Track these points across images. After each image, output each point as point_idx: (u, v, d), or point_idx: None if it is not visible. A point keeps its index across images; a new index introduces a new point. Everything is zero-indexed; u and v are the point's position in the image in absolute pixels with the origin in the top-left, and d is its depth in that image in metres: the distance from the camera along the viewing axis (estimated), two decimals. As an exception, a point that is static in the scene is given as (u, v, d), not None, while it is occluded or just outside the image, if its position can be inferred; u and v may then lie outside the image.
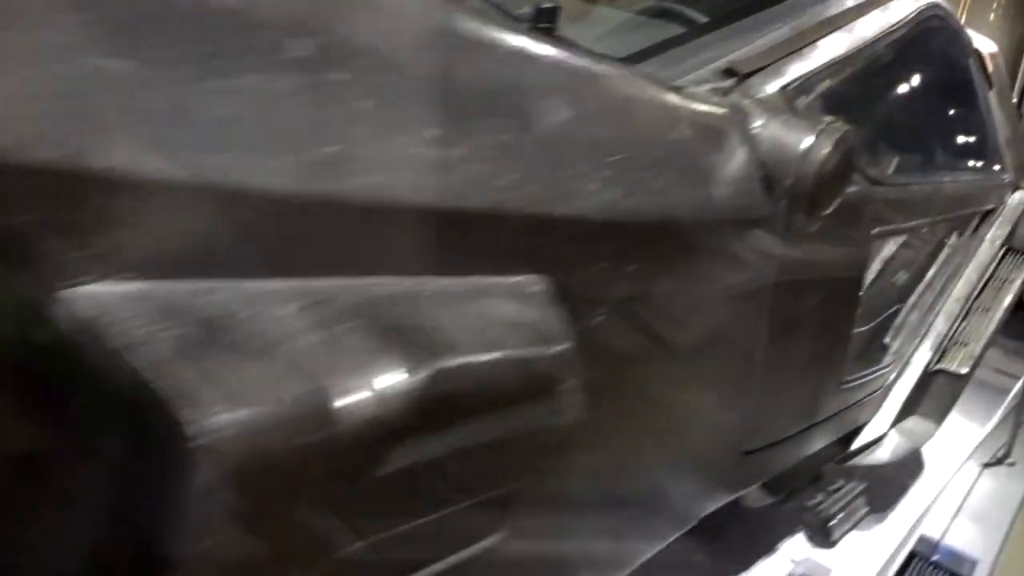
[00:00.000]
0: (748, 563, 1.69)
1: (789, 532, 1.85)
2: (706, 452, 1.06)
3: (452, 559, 0.49)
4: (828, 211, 0.97)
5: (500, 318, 0.49)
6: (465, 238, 0.50)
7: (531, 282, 0.54)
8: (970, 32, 2.26)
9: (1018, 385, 2.74)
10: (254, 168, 0.38)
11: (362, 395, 0.36)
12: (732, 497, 1.25)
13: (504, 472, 0.49)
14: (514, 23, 0.68)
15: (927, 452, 2.47)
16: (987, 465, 2.76)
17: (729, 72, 1.02)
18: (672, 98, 0.80)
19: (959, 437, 2.69)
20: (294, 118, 0.40)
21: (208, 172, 0.36)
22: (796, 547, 1.80)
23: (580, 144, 0.64)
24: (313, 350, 0.36)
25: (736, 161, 0.88)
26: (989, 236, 2.26)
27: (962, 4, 10.41)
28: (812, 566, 1.76)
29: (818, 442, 1.53)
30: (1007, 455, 2.85)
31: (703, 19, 1.32)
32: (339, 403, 0.36)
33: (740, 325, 0.97)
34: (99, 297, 0.32)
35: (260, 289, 0.37)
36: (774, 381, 1.14)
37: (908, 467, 2.36)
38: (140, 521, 0.35)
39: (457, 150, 0.50)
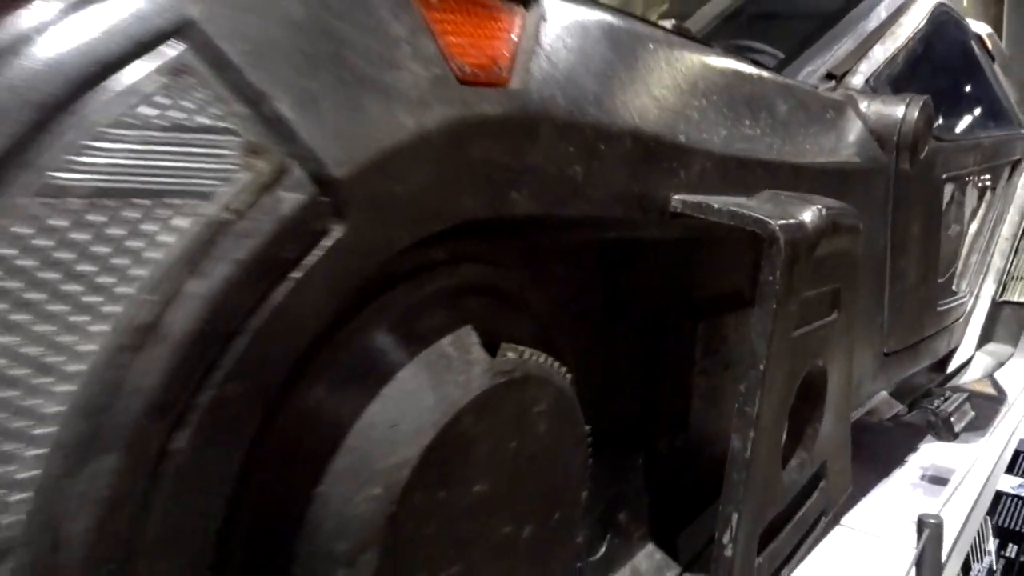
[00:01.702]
0: (886, 472, 2.05)
1: (913, 446, 2.21)
2: (864, 351, 1.45)
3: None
4: (922, 156, 1.39)
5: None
6: (754, 171, 0.92)
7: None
8: (969, 21, 2.71)
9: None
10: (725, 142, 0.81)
11: (819, 215, 0.77)
12: (883, 390, 1.63)
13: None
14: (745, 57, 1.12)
15: (1013, 379, 2.83)
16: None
17: (830, 76, 1.45)
18: (819, 94, 1.24)
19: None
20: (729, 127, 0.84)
21: (714, 145, 0.79)
22: (922, 457, 2.15)
23: (787, 124, 1.06)
24: (788, 203, 0.79)
25: (856, 128, 1.30)
26: (1021, 182, 2.66)
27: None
28: (939, 469, 2.10)
29: (929, 353, 1.91)
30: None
31: (771, 49, 1.77)
32: (820, 219, 0.77)
33: (874, 247, 1.37)
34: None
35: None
36: (898, 292, 1.54)
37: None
38: None
39: (751, 131, 0.92)
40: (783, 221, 0.74)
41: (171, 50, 0.42)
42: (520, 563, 0.64)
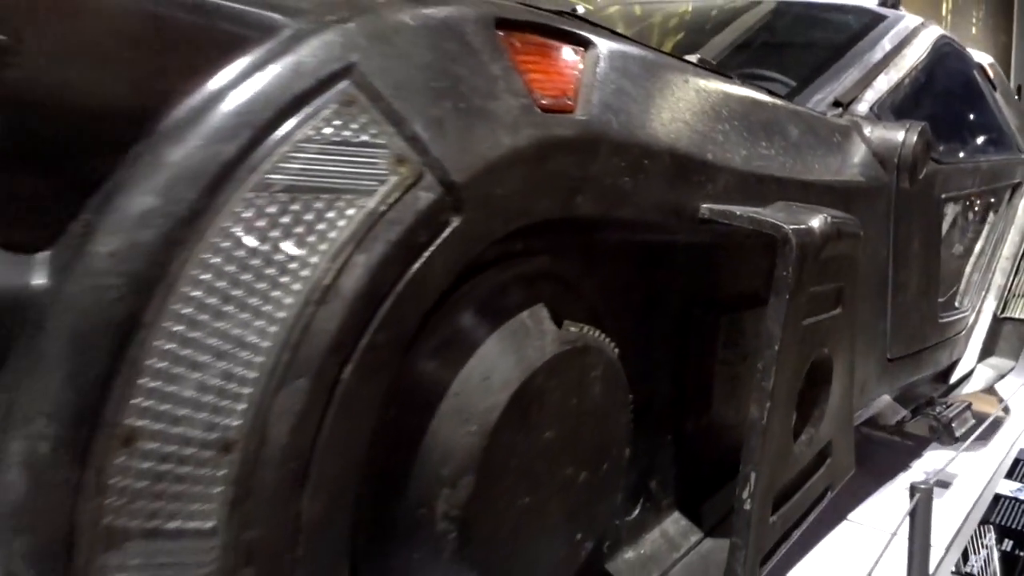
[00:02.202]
0: (892, 475, 2.16)
1: (917, 452, 2.32)
2: (869, 354, 1.58)
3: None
4: (920, 176, 1.53)
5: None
6: (769, 186, 1.06)
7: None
8: (970, 50, 2.86)
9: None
10: (745, 160, 0.95)
11: (825, 221, 0.92)
12: (886, 393, 1.76)
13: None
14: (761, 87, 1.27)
15: (1016, 396, 2.95)
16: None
17: (837, 103, 1.60)
18: (827, 120, 1.39)
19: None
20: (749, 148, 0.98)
21: (736, 163, 0.93)
22: (925, 462, 2.27)
23: (799, 146, 1.20)
24: (799, 212, 0.93)
25: (861, 151, 1.45)
26: (1022, 204, 2.79)
27: (943, 23, 11.02)
28: (943, 474, 2.22)
29: (931, 363, 2.03)
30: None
31: (782, 78, 1.92)
32: (826, 225, 0.91)
33: (876, 258, 1.51)
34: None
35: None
36: (900, 302, 1.67)
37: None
38: None
39: (767, 151, 1.07)
40: (795, 226, 0.88)
41: (341, 86, 0.57)
42: (574, 504, 0.78)
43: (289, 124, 0.55)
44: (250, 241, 0.52)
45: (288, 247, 0.53)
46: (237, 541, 0.52)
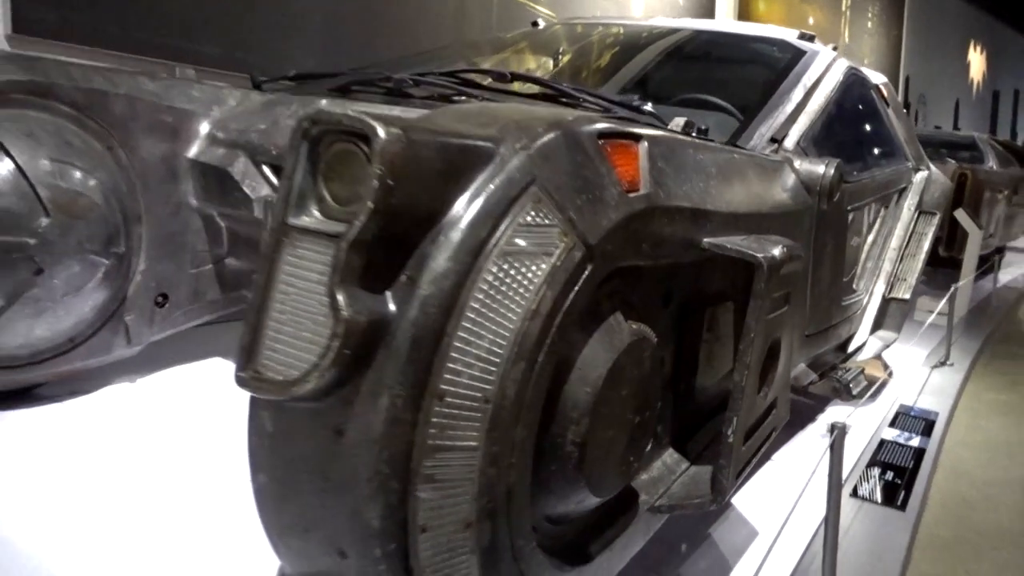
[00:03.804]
0: (803, 425, 2.71)
1: (822, 408, 2.89)
2: (800, 330, 2.08)
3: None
4: (835, 199, 2.02)
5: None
6: (740, 220, 1.51)
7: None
8: (868, 71, 3.42)
9: (934, 314, 3.85)
10: (726, 204, 1.39)
11: (783, 250, 1.37)
12: (803, 361, 2.28)
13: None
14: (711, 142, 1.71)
15: (897, 362, 3.58)
16: (934, 367, 3.88)
17: (773, 139, 2.08)
18: (766, 160, 1.86)
19: (913, 351, 3.79)
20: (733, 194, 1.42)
21: (721, 207, 1.37)
22: (828, 415, 2.84)
23: (754, 184, 1.66)
24: (766, 242, 1.38)
25: (792, 181, 1.93)
26: (906, 204, 3.38)
27: (843, 19, 11.81)
28: (839, 422, 2.78)
29: (835, 337, 2.57)
30: (946, 360, 3.98)
31: (731, 107, 2.39)
32: (783, 252, 1.36)
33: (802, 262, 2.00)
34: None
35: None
36: (816, 292, 2.18)
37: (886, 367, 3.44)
38: None
39: (738, 194, 1.52)
40: (765, 254, 1.33)
41: (531, 190, 0.97)
42: (632, 437, 1.22)
43: (510, 215, 0.95)
44: (496, 284, 0.93)
45: (514, 286, 0.94)
46: (487, 451, 0.93)
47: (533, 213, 0.97)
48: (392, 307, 0.89)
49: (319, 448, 0.91)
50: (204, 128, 2.31)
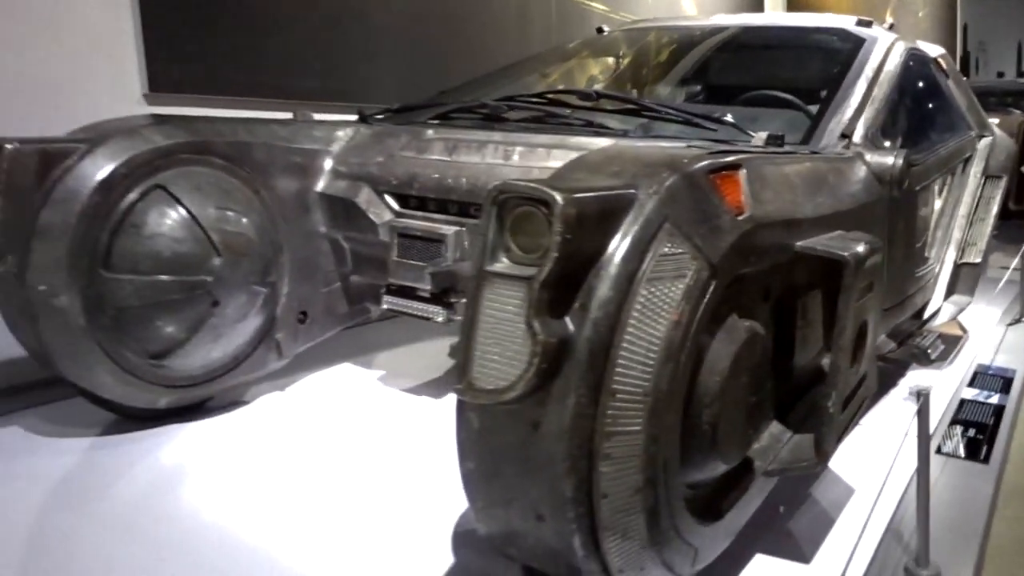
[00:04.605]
0: (886, 391, 2.91)
1: (902, 372, 3.08)
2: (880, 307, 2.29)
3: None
4: (905, 186, 2.23)
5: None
6: (825, 221, 1.73)
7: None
8: (925, 45, 3.55)
9: (1007, 274, 3.96)
10: (812, 209, 1.63)
11: (865, 245, 1.60)
12: (883, 333, 2.49)
13: None
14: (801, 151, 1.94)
15: (971, 320, 3.73)
16: (1009, 324, 4.00)
17: (843, 135, 2.29)
18: (840, 160, 2.07)
19: (988, 311, 3.92)
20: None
21: (807, 213, 1.61)
22: (909, 379, 3.03)
23: (834, 186, 1.88)
24: (849, 240, 1.61)
25: (865, 175, 2.14)
26: (972, 172, 3.52)
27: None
28: (922, 387, 2.97)
29: (911, 307, 2.77)
30: (1021, 317, 4.09)
31: (802, 104, 2.60)
32: (866, 247, 1.59)
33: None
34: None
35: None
36: (891, 270, 2.38)
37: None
38: None
39: (822, 199, 1.75)
40: (849, 252, 1.56)
41: (666, 227, 1.24)
42: (750, 415, 1.47)
43: (651, 249, 1.22)
44: (646, 304, 1.20)
45: (660, 304, 1.21)
46: (648, 433, 1.20)
47: (669, 245, 1.23)
48: (571, 328, 1.17)
49: (519, 438, 1.20)
50: (327, 164, 2.63)
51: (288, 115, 2.87)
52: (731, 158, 1.47)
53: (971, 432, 2.57)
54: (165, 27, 3.04)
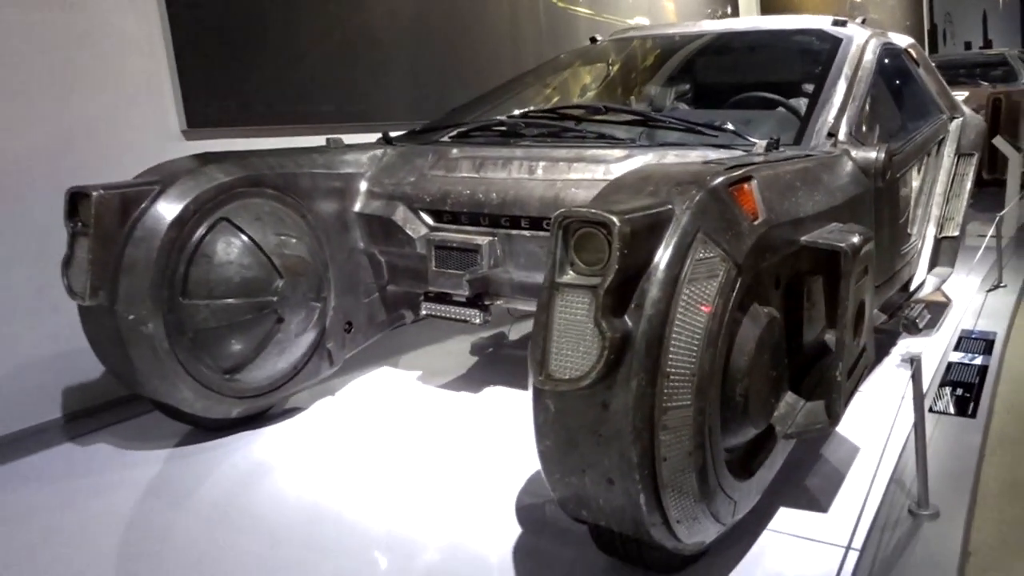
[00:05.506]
0: (879, 359, 3.19)
1: (893, 342, 3.37)
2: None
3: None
4: (887, 177, 2.50)
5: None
6: (823, 216, 2.00)
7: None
8: (895, 36, 3.83)
9: (983, 244, 4.26)
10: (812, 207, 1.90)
11: (860, 235, 1.86)
12: (877, 306, 2.77)
13: None
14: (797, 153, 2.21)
15: (954, 289, 4.02)
16: (989, 290, 4.30)
17: (830, 134, 2.56)
18: (830, 158, 2.35)
19: (969, 279, 4.22)
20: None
21: (808, 211, 1.88)
22: (900, 347, 3.31)
23: (828, 183, 2.16)
24: (845, 231, 1.88)
25: (852, 169, 2.41)
26: (946, 152, 3.81)
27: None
28: (913, 353, 3.27)
29: (898, 281, 3.05)
30: (999, 283, 4.40)
31: (785, 101, 2.86)
32: (860, 237, 1.86)
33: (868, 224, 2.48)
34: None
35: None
36: (879, 250, 2.66)
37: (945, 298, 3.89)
38: None
39: (819, 196, 2.02)
40: (846, 243, 1.83)
41: (699, 235, 1.50)
42: (772, 387, 1.74)
43: (690, 255, 1.48)
44: (689, 301, 1.46)
45: (699, 300, 1.47)
46: (696, 407, 1.46)
47: (703, 251, 1.50)
48: (630, 324, 1.43)
49: (592, 417, 1.46)
50: (363, 186, 2.88)
51: (313, 139, 3.12)
52: (742, 171, 1.73)
53: (959, 391, 2.86)
54: (198, 69, 3.28)
